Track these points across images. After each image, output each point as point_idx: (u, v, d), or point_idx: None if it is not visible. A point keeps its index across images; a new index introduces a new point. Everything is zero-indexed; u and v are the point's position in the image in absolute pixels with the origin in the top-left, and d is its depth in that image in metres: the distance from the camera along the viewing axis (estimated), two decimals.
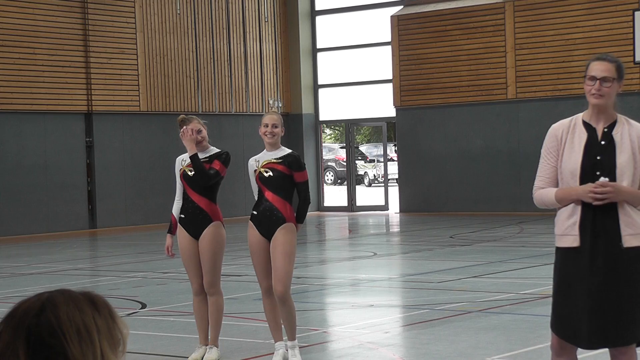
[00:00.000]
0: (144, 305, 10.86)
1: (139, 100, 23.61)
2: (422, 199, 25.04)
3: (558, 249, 5.13)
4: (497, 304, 10.10)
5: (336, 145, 45.02)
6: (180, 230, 7.78)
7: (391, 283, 12.66)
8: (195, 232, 7.72)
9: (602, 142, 4.98)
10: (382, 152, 30.71)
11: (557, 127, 5.11)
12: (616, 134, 4.97)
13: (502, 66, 23.88)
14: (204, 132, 7.80)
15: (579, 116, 5.11)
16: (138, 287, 12.55)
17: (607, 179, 4.88)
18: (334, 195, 32.06)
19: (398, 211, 25.55)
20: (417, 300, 10.93)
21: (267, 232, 7.39)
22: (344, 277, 13.22)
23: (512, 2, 23.70)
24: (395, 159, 28.18)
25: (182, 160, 7.84)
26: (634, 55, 20.99)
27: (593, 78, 4.98)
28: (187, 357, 7.80)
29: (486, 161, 23.96)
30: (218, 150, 7.85)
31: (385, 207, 26.72)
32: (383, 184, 27.95)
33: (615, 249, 4.89)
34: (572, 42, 22.87)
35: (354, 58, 27.11)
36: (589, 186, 4.89)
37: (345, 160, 30.32)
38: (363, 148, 43.95)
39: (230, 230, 8.07)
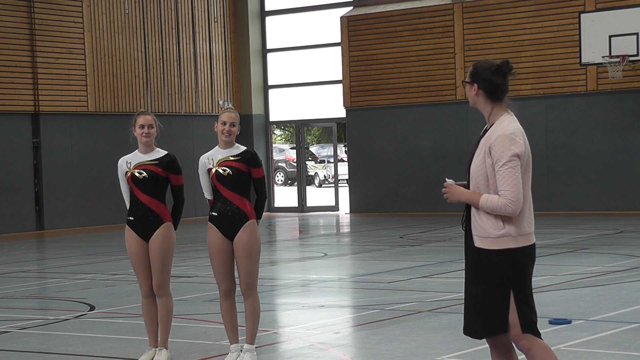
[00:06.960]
0: (92, 308, 10.77)
1: (87, 101, 23.39)
2: (372, 200, 25.12)
3: None
4: (447, 304, 10.16)
5: (286, 146, 45.00)
6: (129, 232, 7.70)
7: (342, 283, 12.68)
8: (145, 234, 7.65)
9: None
10: (332, 153, 30.74)
11: None
12: (485, 137, 5.16)
13: (451, 67, 24.05)
14: (154, 131, 7.73)
15: None
16: (86, 289, 12.43)
17: (451, 180, 5.15)
18: (285, 195, 32.03)
19: (348, 212, 25.61)
20: (367, 300, 10.96)
21: (230, 233, 7.32)
22: (294, 277, 13.21)
23: (461, 4, 23.87)
24: (346, 159, 28.23)
25: (127, 163, 7.73)
26: (580, 57, 21.25)
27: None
28: None
29: (436, 161, 24.10)
30: (164, 152, 7.75)
31: (335, 208, 26.77)
32: (333, 185, 27.99)
33: (472, 248, 5.15)
34: (519, 43, 23.10)
35: (304, 59, 27.12)
36: None
37: (295, 160, 30.32)
38: (313, 149, 43.98)
39: (180, 231, 8.01)
